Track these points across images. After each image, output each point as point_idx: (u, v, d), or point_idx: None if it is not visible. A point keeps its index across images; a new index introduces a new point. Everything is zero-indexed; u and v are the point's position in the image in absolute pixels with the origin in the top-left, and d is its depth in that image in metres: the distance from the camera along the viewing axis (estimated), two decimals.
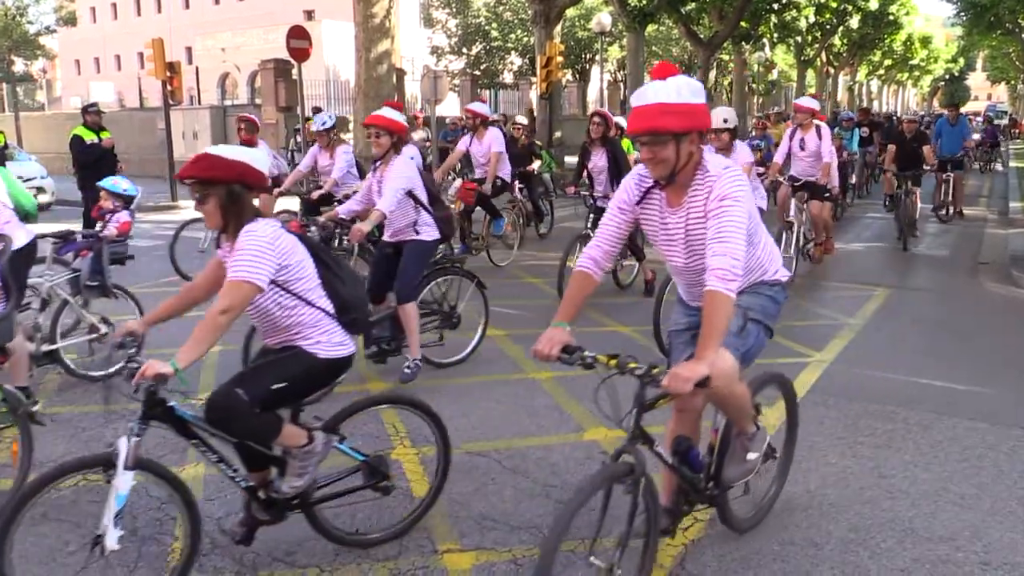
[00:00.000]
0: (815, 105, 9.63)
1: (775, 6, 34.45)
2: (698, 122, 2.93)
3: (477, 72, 39.07)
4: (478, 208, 9.90)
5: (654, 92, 2.87)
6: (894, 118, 31.89)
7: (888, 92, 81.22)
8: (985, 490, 4.19)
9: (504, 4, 42.62)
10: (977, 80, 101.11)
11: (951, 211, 14.40)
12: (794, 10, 35.75)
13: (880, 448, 4.72)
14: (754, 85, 44.85)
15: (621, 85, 41.60)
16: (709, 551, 3.59)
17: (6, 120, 25.59)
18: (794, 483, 4.25)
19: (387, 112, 5.69)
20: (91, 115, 11.75)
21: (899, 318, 7.90)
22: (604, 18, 24.87)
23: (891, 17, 47.94)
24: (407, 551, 3.59)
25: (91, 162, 11.17)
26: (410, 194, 5.61)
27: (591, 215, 8.28)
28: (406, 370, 5.76)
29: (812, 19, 38.74)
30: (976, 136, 24.47)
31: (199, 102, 30.48)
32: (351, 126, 17.84)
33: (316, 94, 23.36)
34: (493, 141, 9.55)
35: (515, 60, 44.79)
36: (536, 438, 4.87)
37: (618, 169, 8.19)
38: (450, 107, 30.19)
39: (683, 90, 2.87)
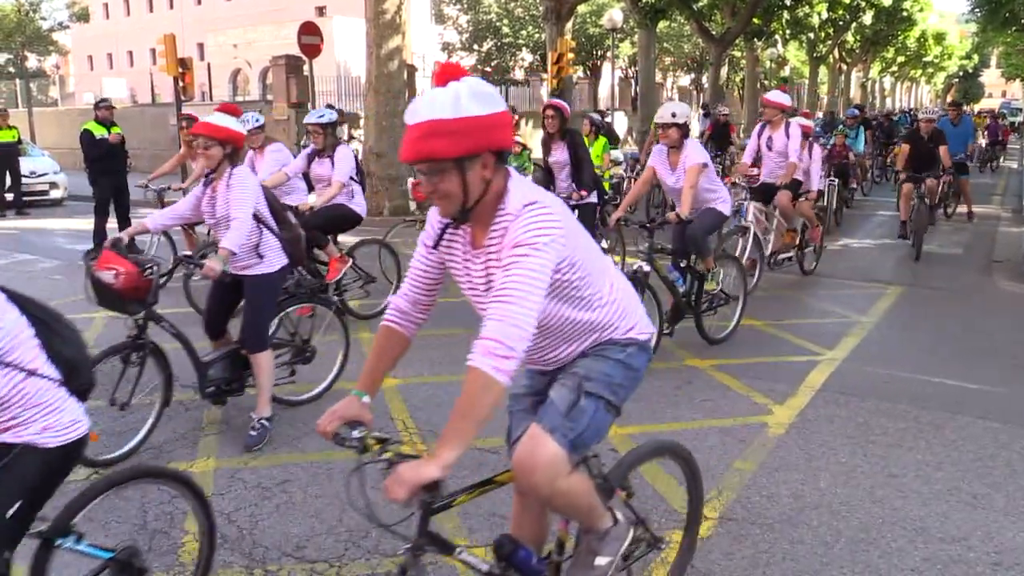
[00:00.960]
0: (785, 100, 8.98)
1: (788, 2, 34.27)
2: (487, 139, 2.20)
3: (488, 68, 39.08)
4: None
5: (426, 106, 2.17)
6: (897, 115, 30.71)
7: (901, 89, 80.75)
8: (998, 489, 4.16)
9: (515, 0, 42.56)
10: (991, 77, 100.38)
11: (952, 209, 14.11)
12: (807, 6, 35.55)
13: (891, 447, 4.69)
14: (766, 82, 44.64)
15: (632, 82, 41.50)
16: (717, 549, 3.58)
17: (20, 116, 25.71)
18: (804, 482, 4.24)
19: (217, 119, 4.74)
20: (102, 110, 11.79)
21: (912, 316, 7.86)
22: (615, 14, 24.82)
23: (905, 13, 47.64)
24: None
25: (100, 157, 11.22)
26: (254, 214, 4.71)
27: None
28: (252, 433, 4.76)
29: (825, 15, 38.51)
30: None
31: (211, 98, 30.51)
32: (361, 122, 17.87)
33: (327, 90, 23.38)
34: None
35: (526, 56, 44.76)
36: None
37: (578, 163, 7.91)
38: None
39: (463, 99, 2.16)
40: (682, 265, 6.77)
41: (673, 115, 6.48)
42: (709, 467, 4.40)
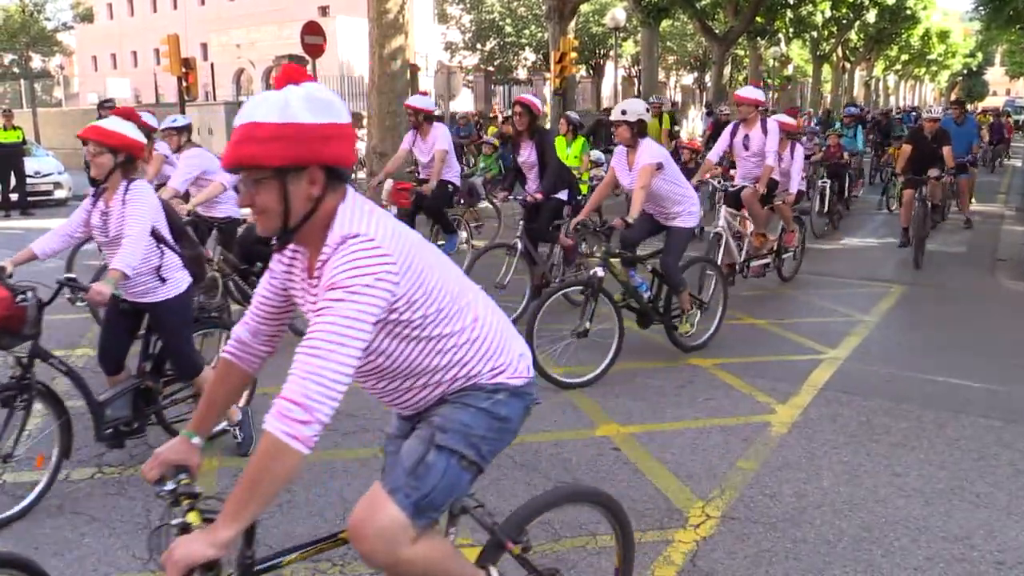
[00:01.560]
0: (759, 96, 8.29)
1: (790, 1, 34.22)
2: (315, 152, 1.93)
3: (491, 68, 39.07)
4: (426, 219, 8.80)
5: (252, 108, 1.93)
6: (901, 114, 29.80)
7: (905, 87, 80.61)
8: (1000, 488, 4.16)
9: (518, 0, 42.56)
10: (996, 75, 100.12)
11: (946, 212, 13.24)
12: (810, 5, 35.49)
13: (894, 446, 4.69)
14: (770, 80, 44.60)
15: (635, 80, 41.47)
16: (721, 548, 3.58)
17: (24, 116, 25.77)
18: (807, 481, 4.24)
19: (110, 123, 4.12)
20: (106, 110, 11.84)
21: (914, 315, 7.85)
22: (618, 13, 24.81)
23: (908, 11, 47.54)
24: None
25: None
26: (153, 231, 4.15)
27: (521, 221, 7.42)
28: (238, 440, 4.60)
29: (828, 14, 38.44)
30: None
31: (214, 98, 30.54)
32: (365, 122, 17.88)
33: (331, 90, 23.37)
34: (439, 138, 8.31)
35: (529, 56, 44.77)
36: (548, 433, 4.87)
37: (544, 164, 7.48)
38: (464, 103, 30.18)
39: (294, 104, 1.91)
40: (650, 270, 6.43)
41: (623, 112, 6.07)
42: (712, 466, 4.41)
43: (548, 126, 17.38)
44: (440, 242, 8.47)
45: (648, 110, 6.18)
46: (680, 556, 3.52)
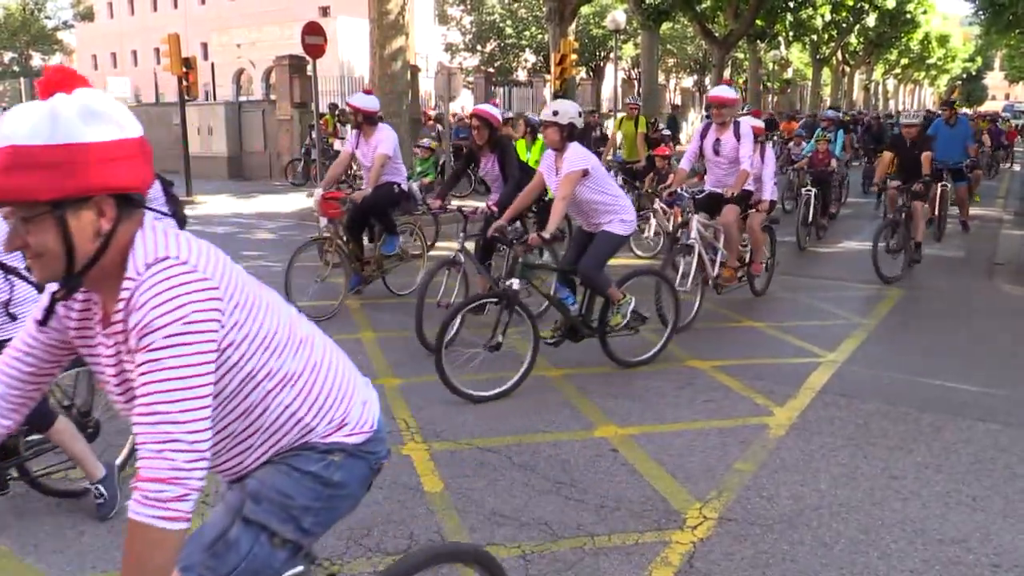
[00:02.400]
0: (733, 95, 7.70)
1: (791, 4, 34.32)
2: (101, 177, 1.55)
3: (491, 69, 39.09)
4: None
5: (11, 126, 1.51)
6: (874, 118, 28.11)
7: (904, 91, 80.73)
8: (997, 492, 4.17)
9: (519, 1, 42.63)
10: (995, 79, 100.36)
11: (943, 227, 12.11)
12: (810, 8, 35.61)
13: (892, 449, 4.70)
14: (769, 84, 44.66)
15: (635, 83, 41.52)
16: (718, 550, 3.60)
17: None
18: (804, 483, 4.25)
19: None
20: None
21: (912, 319, 7.87)
22: (619, 16, 24.82)
23: (908, 15, 47.72)
24: (417, 545, 3.61)
25: None
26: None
27: (462, 233, 6.78)
28: (99, 503, 3.87)
29: (828, 17, 38.58)
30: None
31: (214, 98, 30.60)
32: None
33: (331, 90, 23.43)
34: (382, 141, 7.79)
35: (529, 57, 44.83)
36: (547, 434, 4.88)
37: (505, 176, 7.22)
38: (464, 104, 30.22)
39: (66, 119, 1.52)
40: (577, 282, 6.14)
41: (555, 113, 5.68)
42: (710, 467, 4.42)
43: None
44: (380, 243, 8.13)
45: (588, 113, 6.12)
46: (677, 557, 3.53)
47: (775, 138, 19.92)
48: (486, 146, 7.29)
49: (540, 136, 11.11)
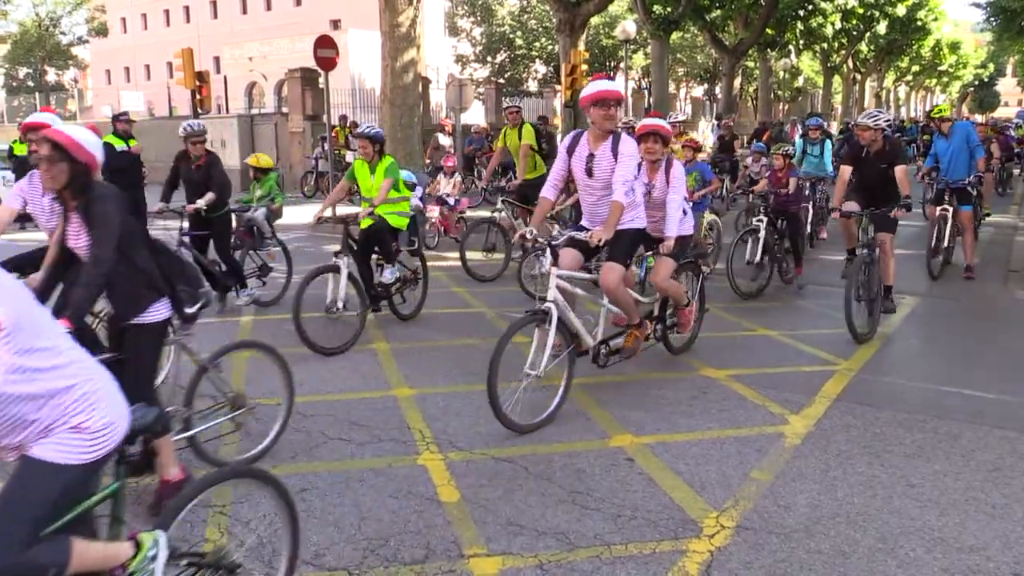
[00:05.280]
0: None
1: (801, 13, 34.30)
2: None
3: (502, 80, 39.23)
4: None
5: None
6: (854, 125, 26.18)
7: (916, 98, 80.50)
8: (1016, 500, 4.14)
9: (529, 12, 42.80)
10: (1007, 86, 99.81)
11: (947, 259, 10.09)
12: (820, 16, 35.58)
13: (909, 457, 4.68)
14: (780, 92, 44.61)
15: (646, 92, 41.55)
16: (735, 558, 3.59)
17: None
18: (822, 492, 4.24)
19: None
20: (122, 123, 12.01)
21: (928, 326, 7.83)
22: (629, 26, 24.91)
23: (919, 23, 47.64)
24: (434, 555, 3.62)
25: (120, 170, 11.39)
26: None
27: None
28: None
29: (838, 25, 38.53)
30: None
31: (227, 111, 30.78)
32: None
33: (342, 103, 23.57)
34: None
35: (540, 68, 44.95)
36: (562, 444, 4.88)
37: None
38: (475, 115, 30.32)
39: None
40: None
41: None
42: (726, 476, 4.41)
43: (560, 137, 17.46)
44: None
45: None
46: (695, 566, 3.52)
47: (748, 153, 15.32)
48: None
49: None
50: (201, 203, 7.67)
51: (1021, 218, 15.90)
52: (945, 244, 9.91)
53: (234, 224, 8.42)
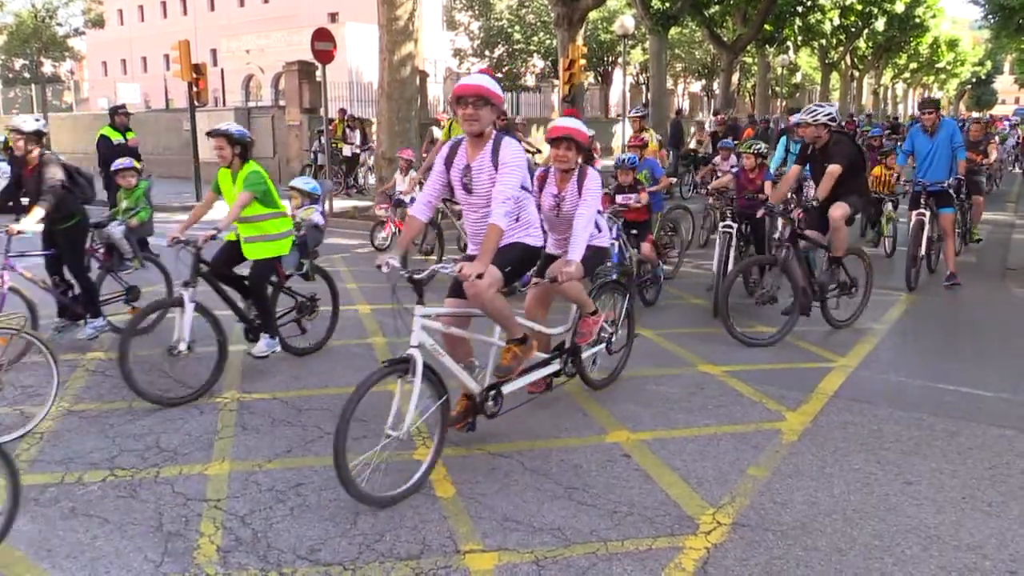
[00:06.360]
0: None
1: (799, 9, 34.28)
2: None
3: (499, 75, 39.12)
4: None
5: None
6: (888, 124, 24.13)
7: (914, 96, 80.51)
8: (1013, 497, 4.14)
9: (527, 7, 42.66)
10: (1005, 83, 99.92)
11: (930, 267, 9.60)
12: (818, 13, 35.58)
13: (906, 454, 4.68)
14: (777, 88, 44.60)
15: (644, 88, 41.51)
16: (732, 555, 3.58)
17: None
18: (818, 489, 4.23)
19: None
20: (120, 116, 11.98)
21: (925, 323, 7.82)
22: (627, 21, 24.82)
23: (917, 20, 47.64)
24: (429, 551, 3.61)
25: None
26: None
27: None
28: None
29: (837, 22, 38.51)
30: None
31: (224, 104, 30.75)
32: (374, 127, 17.94)
33: (339, 96, 23.51)
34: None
35: (537, 63, 44.81)
36: (558, 440, 4.87)
37: None
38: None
39: None
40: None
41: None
42: (723, 473, 4.40)
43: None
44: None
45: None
46: (691, 563, 3.51)
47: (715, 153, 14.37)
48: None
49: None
50: (21, 227, 6.01)
51: (1018, 216, 15.91)
52: (922, 252, 9.11)
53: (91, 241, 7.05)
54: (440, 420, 4.37)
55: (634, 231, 8.05)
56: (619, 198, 7.99)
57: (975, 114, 49.52)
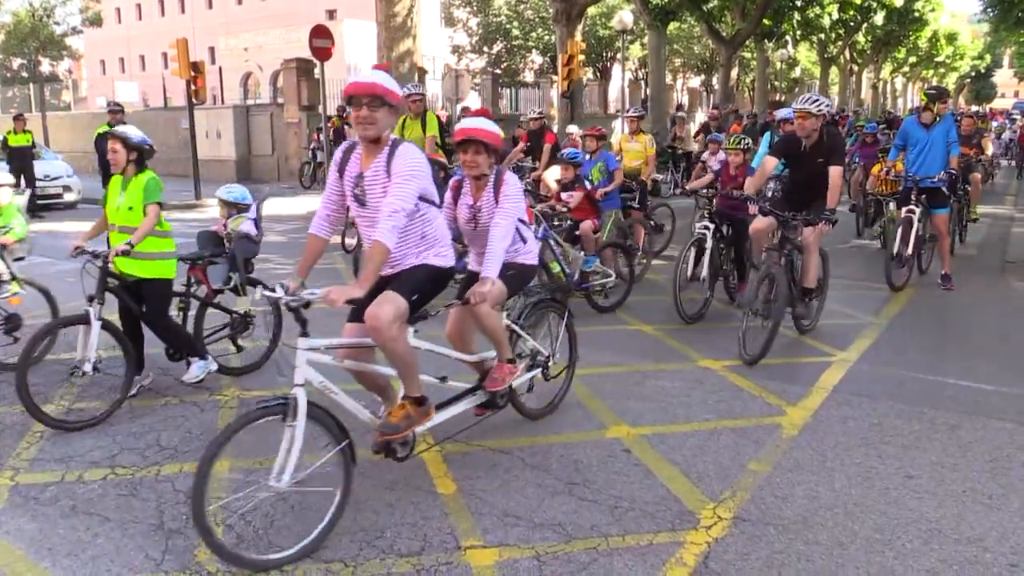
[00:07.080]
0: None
1: (798, 3, 34.23)
2: None
3: (498, 71, 39.10)
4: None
5: None
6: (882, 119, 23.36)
7: (913, 89, 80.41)
8: (1014, 491, 4.14)
9: (525, 2, 42.63)
10: (1004, 77, 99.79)
11: (920, 268, 9.30)
12: (817, 7, 35.50)
13: (906, 448, 4.67)
14: (776, 83, 44.54)
15: (642, 83, 41.47)
16: (732, 550, 3.58)
17: (33, 120, 25.90)
18: (819, 483, 4.23)
19: None
20: (112, 114, 12.01)
21: (924, 318, 7.82)
22: (626, 16, 24.79)
23: (916, 14, 47.55)
24: (430, 547, 3.61)
25: None
26: None
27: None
28: None
29: (835, 16, 38.43)
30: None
31: (222, 101, 30.73)
32: None
33: (338, 93, 23.49)
34: None
35: (536, 58, 44.80)
36: (559, 435, 4.87)
37: None
38: (471, 105, 30.25)
39: None
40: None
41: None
42: (723, 467, 4.40)
43: (556, 129, 17.41)
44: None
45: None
46: (692, 558, 3.51)
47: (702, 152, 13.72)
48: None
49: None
50: None
51: (1018, 209, 15.90)
52: (909, 251, 8.60)
53: None
54: (343, 467, 3.68)
55: (577, 232, 7.66)
56: (563, 195, 7.82)
57: (974, 108, 49.48)
